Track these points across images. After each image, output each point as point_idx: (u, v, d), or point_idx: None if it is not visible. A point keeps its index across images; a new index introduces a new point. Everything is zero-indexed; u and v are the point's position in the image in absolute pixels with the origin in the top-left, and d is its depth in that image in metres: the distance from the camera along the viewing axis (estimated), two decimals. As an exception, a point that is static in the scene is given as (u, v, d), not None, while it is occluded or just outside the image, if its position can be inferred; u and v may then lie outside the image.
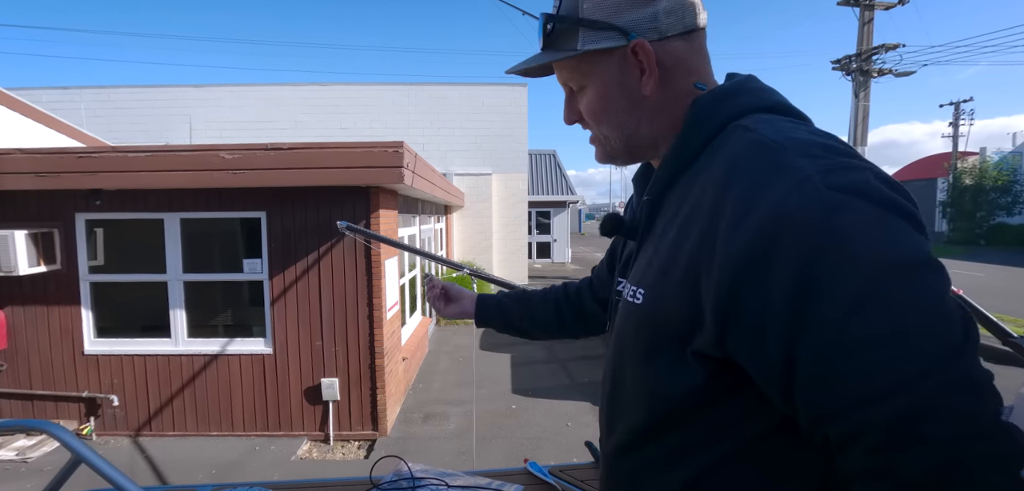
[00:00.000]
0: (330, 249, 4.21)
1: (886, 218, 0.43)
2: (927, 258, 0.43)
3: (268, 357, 4.30)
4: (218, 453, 4.08)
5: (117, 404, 4.32)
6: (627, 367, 0.62)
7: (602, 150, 0.68)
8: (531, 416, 4.74)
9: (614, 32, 0.59)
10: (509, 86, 11.96)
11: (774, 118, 0.56)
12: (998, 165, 24.70)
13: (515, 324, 1.13)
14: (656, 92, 0.61)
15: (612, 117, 0.64)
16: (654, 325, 0.57)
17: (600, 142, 0.68)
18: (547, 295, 1.11)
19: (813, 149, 0.48)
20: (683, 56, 0.61)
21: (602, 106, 0.64)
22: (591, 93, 0.64)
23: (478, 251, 11.60)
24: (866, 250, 0.42)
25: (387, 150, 3.81)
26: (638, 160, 0.70)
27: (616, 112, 0.63)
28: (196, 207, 4.18)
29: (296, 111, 11.63)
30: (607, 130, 0.65)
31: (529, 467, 1.28)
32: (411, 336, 5.93)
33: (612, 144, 0.66)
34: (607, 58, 0.61)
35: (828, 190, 0.44)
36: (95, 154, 3.90)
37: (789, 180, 0.46)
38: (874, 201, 0.44)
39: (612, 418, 0.67)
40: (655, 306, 0.57)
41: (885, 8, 12.45)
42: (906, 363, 0.40)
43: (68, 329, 4.29)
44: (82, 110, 11.14)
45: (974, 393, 0.40)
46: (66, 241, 4.21)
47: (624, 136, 0.64)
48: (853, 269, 0.42)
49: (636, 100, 0.62)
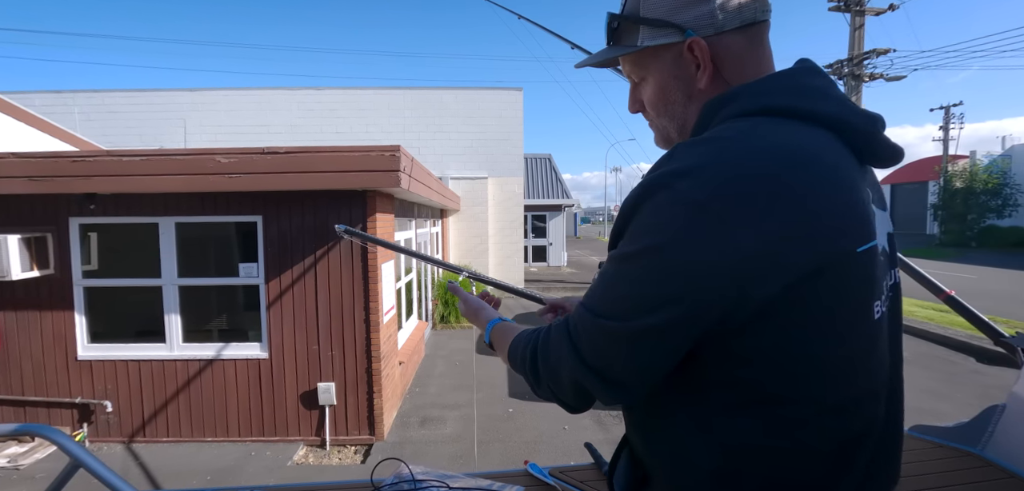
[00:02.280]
0: (326, 253, 4.20)
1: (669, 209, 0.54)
2: (649, 245, 0.54)
3: (264, 362, 4.27)
4: (213, 459, 4.05)
5: (111, 410, 4.28)
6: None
7: (660, 136, 0.74)
8: (528, 420, 4.74)
9: (671, 29, 0.63)
10: (505, 90, 11.99)
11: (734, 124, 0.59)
12: (988, 168, 24.96)
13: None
14: (710, 86, 0.64)
15: (670, 108, 0.69)
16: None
17: (659, 128, 0.73)
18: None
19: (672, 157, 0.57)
20: (739, 50, 0.63)
21: (661, 98, 0.69)
22: (651, 86, 0.69)
23: (474, 255, 11.60)
24: (639, 230, 0.56)
25: (384, 154, 3.81)
26: None
27: (673, 104, 0.68)
28: (191, 211, 4.17)
29: (292, 115, 11.61)
30: (665, 121, 0.70)
31: (529, 468, 1.28)
32: (407, 340, 5.92)
33: (669, 134, 0.71)
34: (665, 53, 0.66)
35: (649, 185, 0.56)
36: (89, 158, 3.88)
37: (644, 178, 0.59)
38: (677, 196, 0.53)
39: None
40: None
41: (876, 13, 12.59)
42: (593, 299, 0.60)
43: (61, 334, 4.25)
44: (75, 114, 11.06)
45: (594, 337, 0.59)
46: (59, 245, 4.18)
47: (679, 124, 0.69)
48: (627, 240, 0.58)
49: (692, 93, 0.66)
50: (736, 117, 0.60)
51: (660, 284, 0.52)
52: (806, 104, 0.59)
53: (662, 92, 0.68)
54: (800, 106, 0.59)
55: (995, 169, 24.83)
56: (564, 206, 18.55)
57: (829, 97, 0.61)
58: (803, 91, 0.61)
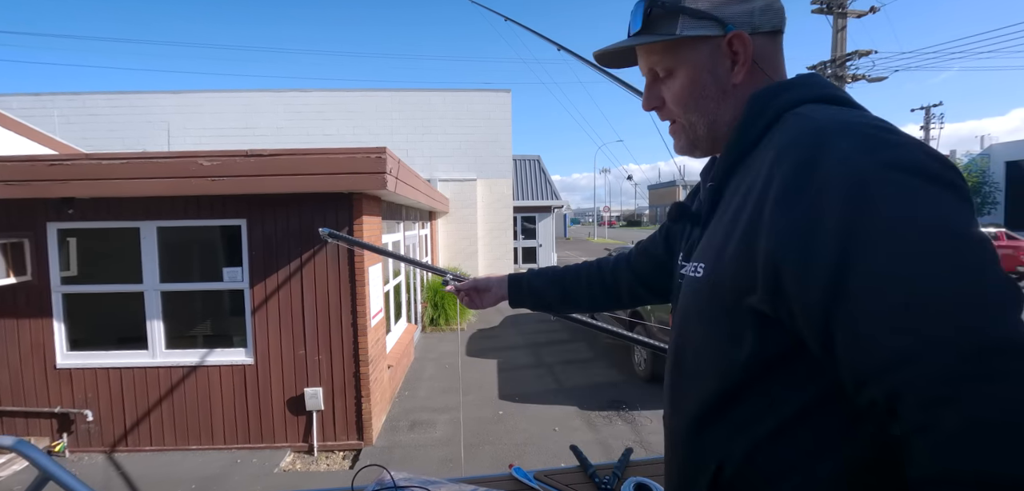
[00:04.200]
0: (313, 256, 4.16)
1: (925, 188, 0.45)
2: (963, 227, 0.44)
3: (249, 367, 4.21)
4: (198, 467, 3.98)
5: (91, 419, 4.18)
6: (690, 342, 0.67)
7: (685, 138, 0.71)
8: (518, 422, 4.73)
9: (713, 22, 0.64)
10: (493, 92, 11.99)
11: (826, 106, 0.59)
12: (967, 167, 25.54)
13: (548, 301, 1.17)
14: (743, 81, 0.65)
15: (701, 103, 0.67)
16: (713, 291, 0.61)
17: (684, 130, 0.71)
18: (578, 273, 1.14)
19: (856, 128, 0.51)
20: (769, 52, 0.66)
21: (691, 92, 0.67)
22: (681, 79, 0.67)
23: (464, 257, 11.56)
24: (903, 223, 0.44)
25: (370, 156, 3.78)
26: (718, 148, 0.71)
27: (705, 99, 0.67)
28: (174, 215, 4.10)
29: (278, 118, 11.49)
30: (694, 116, 0.68)
31: (514, 472, 1.27)
32: (396, 343, 5.87)
33: (697, 131, 0.69)
34: (702, 46, 0.65)
35: (877, 167, 0.47)
36: (67, 161, 3.80)
37: (834, 156, 0.49)
38: (912, 172, 0.46)
39: (675, 396, 0.71)
40: (714, 275, 0.61)
41: (857, 15, 12.81)
42: (941, 325, 0.40)
43: (39, 342, 4.15)
44: (55, 117, 10.84)
45: (1008, 355, 0.38)
46: (37, 251, 4.08)
47: (709, 122, 0.68)
48: (886, 236, 0.44)
49: (725, 88, 0.66)
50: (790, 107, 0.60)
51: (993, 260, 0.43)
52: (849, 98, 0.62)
53: (694, 85, 0.67)
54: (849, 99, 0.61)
55: (974, 168, 25.40)
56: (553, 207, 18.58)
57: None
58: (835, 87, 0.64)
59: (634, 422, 4.65)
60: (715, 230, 0.64)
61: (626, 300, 1.10)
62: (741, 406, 0.59)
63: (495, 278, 1.23)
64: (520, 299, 1.18)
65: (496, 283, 1.22)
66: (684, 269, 0.72)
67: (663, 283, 1.01)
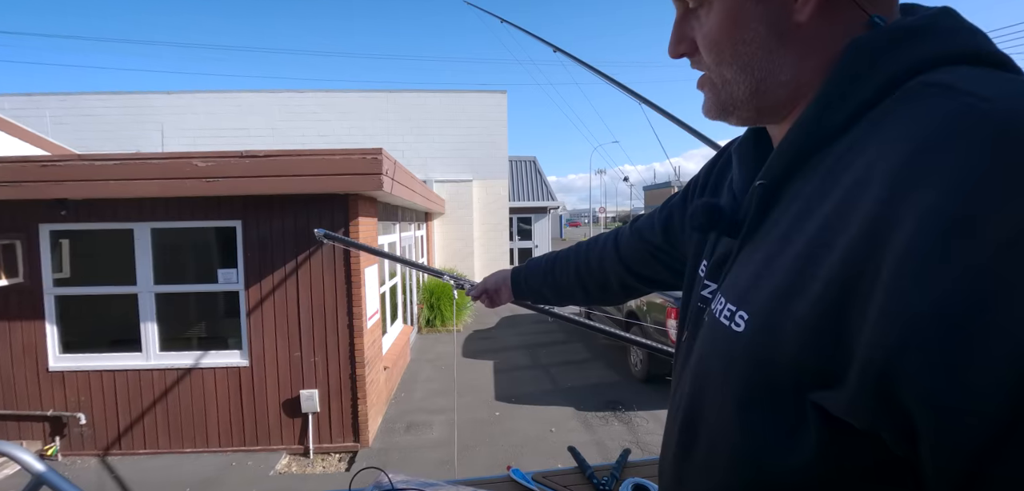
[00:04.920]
0: (308, 258, 4.14)
1: None
2: None
3: (244, 369, 4.19)
4: (193, 470, 3.95)
5: (84, 422, 4.15)
6: (707, 415, 0.46)
7: (715, 98, 0.49)
8: (514, 423, 4.72)
9: None
10: (489, 93, 11.99)
11: (986, 73, 0.35)
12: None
13: (545, 297, 1.11)
14: (814, 20, 0.41)
15: (742, 49, 0.44)
16: (758, 363, 0.40)
17: (715, 87, 0.48)
18: (567, 263, 1.05)
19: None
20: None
21: (731, 33, 0.45)
22: (718, 12, 0.45)
23: (460, 258, 11.56)
24: None
25: (365, 157, 3.77)
26: (766, 119, 0.49)
27: (749, 43, 0.44)
28: (168, 216, 4.07)
29: (273, 118, 11.45)
30: (732, 70, 0.46)
31: (512, 474, 1.27)
32: (392, 345, 5.86)
33: (734, 90, 0.46)
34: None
35: None
36: (60, 163, 3.77)
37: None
38: None
39: (684, 471, 0.50)
40: (763, 339, 0.39)
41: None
42: None
43: (31, 345, 4.11)
44: (47, 117, 10.75)
45: None
46: (29, 253, 4.04)
47: (755, 80, 0.45)
48: None
49: (782, 30, 0.42)
50: (930, 65, 0.37)
51: None
52: (1006, 57, 0.38)
53: (733, 24, 0.44)
54: (1011, 62, 0.38)
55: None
56: (549, 208, 18.60)
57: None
58: (985, 36, 0.39)
59: (631, 423, 4.66)
60: (769, 264, 0.42)
61: (618, 292, 0.95)
62: None
63: (500, 275, 1.20)
64: (521, 295, 1.15)
65: (503, 281, 1.19)
66: (709, 296, 0.53)
67: (656, 273, 0.86)
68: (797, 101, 0.45)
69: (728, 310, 0.44)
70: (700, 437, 0.47)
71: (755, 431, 0.40)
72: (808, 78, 0.43)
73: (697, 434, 0.48)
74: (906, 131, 0.33)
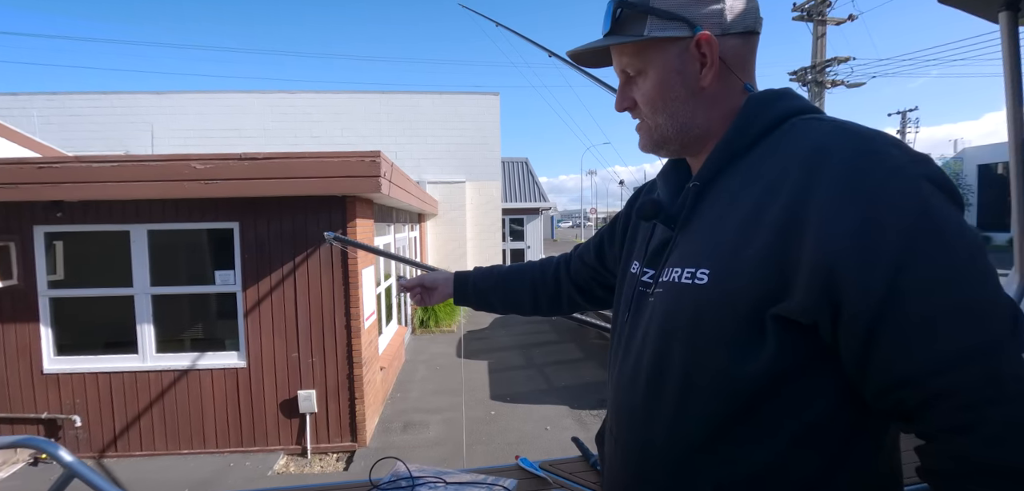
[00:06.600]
0: (306, 259, 4.17)
1: (955, 209, 0.50)
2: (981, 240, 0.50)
3: (242, 370, 4.21)
4: (190, 472, 3.96)
5: (80, 425, 4.14)
6: (677, 357, 0.61)
7: (649, 138, 0.70)
8: (510, 421, 4.79)
9: (681, 23, 0.62)
10: (482, 95, 12.04)
11: (825, 117, 0.60)
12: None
13: (491, 303, 1.16)
14: (714, 84, 0.64)
15: (670, 105, 0.65)
16: (729, 302, 0.56)
17: (650, 130, 0.69)
18: (523, 274, 1.13)
19: (892, 141, 0.53)
20: (741, 54, 0.64)
21: (660, 93, 0.65)
22: (651, 80, 0.66)
23: (453, 259, 11.58)
24: (954, 235, 0.47)
25: (364, 159, 3.81)
26: (687, 151, 0.71)
27: (674, 100, 0.65)
28: (165, 218, 4.08)
29: (265, 119, 11.38)
30: (663, 118, 0.67)
31: (520, 462, 1.34)
32: (388, 345, 5.89)
33: (664, 131, 0.67)
34: (670, 47, 0.64)
35: (922, 180, 0.49)
36: (57, 164, 3.76)
37: (887, 166, 0.50)
38: (948, 193, 0.50)
39: (648, 418, 0.64)
40: (728, 282, 0.56)
41: (836, 23, 13.16)
42: (985, 331, 0.45)
43: (25, 347, 4.09)
44: (34, 117, 10.60)
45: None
46: (23, 255, 4.03)
47: (679, 124, 0.66)
48: (945, 251, 0.47)
49: (694, 90, 0.64)
50: (789, 115, 0.61)
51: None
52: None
53: (663, 87, 0.65)
54: (820, 110, 0.64)
55: (948, 171, 26.22)
56: (541, 209, 18.68)
57: None
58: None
59: (624, 420, 4.74)
60: (716, 232, 0.60)
61: (566, 305, 1.10)
62: (745, 426, 0.56)
63: (442, 275, 1.22)
64: (465, 298, 1.16)
65: (443, 281, 1.20)
66: (650, 280, 0.69)
67: (598, 293, 1.03)
68: (709, 139, 0.67)
69: (688, 273, 0.61)
70: (671, 376, 0.61)
71: (725, 352, 0.56)
72: (717, 121, 0.66)
73: (668, 375, 0.62)
74: (806, 142, 0.56)
